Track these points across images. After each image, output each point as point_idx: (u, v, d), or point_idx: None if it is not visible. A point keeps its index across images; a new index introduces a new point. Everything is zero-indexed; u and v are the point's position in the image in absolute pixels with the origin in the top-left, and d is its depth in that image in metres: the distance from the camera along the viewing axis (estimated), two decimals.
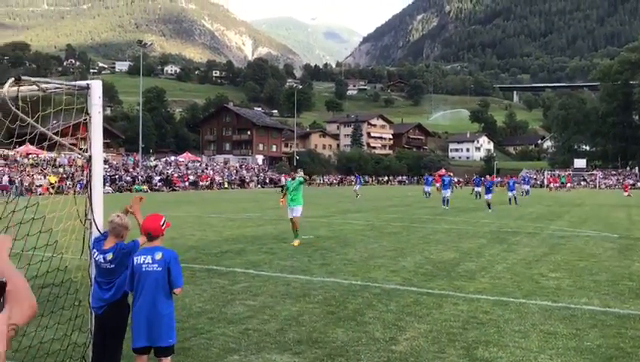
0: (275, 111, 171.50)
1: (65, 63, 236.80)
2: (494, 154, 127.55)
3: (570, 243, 15.11)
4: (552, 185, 72.61)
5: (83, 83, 4.71)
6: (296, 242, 13.99)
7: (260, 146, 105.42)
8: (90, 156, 4.69)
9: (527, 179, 55.55)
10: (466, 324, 6.93)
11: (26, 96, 4.26)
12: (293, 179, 14.81)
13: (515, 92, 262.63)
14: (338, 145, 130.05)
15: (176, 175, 62.99)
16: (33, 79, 4.24)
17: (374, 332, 6.54)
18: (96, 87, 4.68)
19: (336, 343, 6.15)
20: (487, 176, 43.35)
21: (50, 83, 4.44)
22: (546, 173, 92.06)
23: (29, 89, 4.35)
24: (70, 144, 5.38)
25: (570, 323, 7.00)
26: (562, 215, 26.41)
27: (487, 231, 18.00)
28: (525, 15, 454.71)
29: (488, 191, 30.33)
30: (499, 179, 61.34)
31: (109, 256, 4.61)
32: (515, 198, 35.87)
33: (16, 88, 4.11)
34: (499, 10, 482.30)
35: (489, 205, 28.73)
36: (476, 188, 41.22)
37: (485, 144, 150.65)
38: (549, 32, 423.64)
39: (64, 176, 39.49)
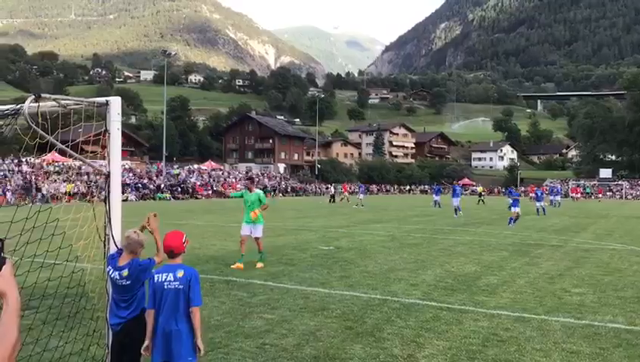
0: (298, 119, 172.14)
1: (91, 72, 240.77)
2: (518, 164, 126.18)
3: (595, 257, 14.82)
4: (573, 195, 71.54)
5: (102, 99, 4.76)
6: (259, 265, 12.26)
7: (282, 155, 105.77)
8: (109, 172, 4.72)
9: (557, 189, 54.47)
10: (486, 341, 6.82)
11: (46, 112, 4.31)
12: (251, 191, 12.77)
13: (539, 101, 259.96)
14: (360, 154, 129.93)
15: (198, 183, 63.45)
16: (53, 96, 4.30)
17: (393, 349, 6.47)
18: (115, 103, 4.72)
19: (353, 360, 6.09)
20: (513, 188, 42.21)
21: (69, 100, 4.49)
22: (570, 183, 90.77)
23: (49, 105, 4.41)
24: (93, 152, 5.43)
25: (593, 342, 6.84)
26: (587, 227, 25.95)
27: (509, 244, 17.76)
28: (550, 23, 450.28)
29: (516, 203, 27.38)
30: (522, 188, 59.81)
31: (125, 273, 4.62)
32: (543, 209, 35.38)
33: (36, 105, 4.16)
34: (523, 19, 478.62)
35: (515, 219, 26.69)
36: (537, 203, 37.69)
37: (509, 153, 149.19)
38: (574, 40, 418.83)
39: (87, 183, 39.97)
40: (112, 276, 4.68)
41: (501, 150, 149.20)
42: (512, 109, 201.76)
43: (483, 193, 56.76)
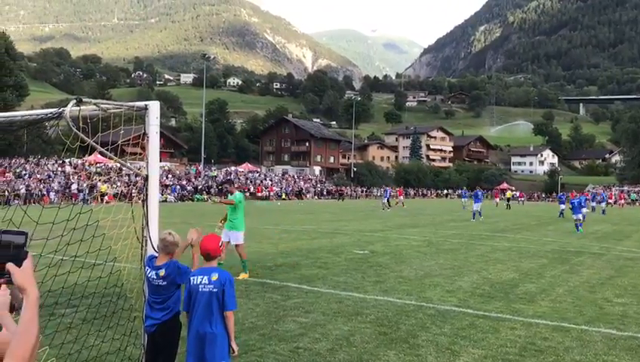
0: (334, 122, 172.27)
1: (133, 75, 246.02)
2: (559, 169, 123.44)
3: (639, 266, 14.38)
4: (611, 201, 69.46)
5: (141, 104, 4.84)
6: (242, 275, 11.20)
7: (318, 157, 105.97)
8: (147, 175, 4.80)
9: (601, 195, 52.64)
10: (523, 351, 6.68)
11: (87, 116, 4.41)
12: (232, 194, 11.88)
13: (581, 104, 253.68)
14: (396, 157, 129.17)
15: (235, 185, 64.05)
16: (94, 101, 4.40)
17: (427, 356, 6.39)
18: (153, 107, 4.80)
19: None
20: (575, 192, 40.77)
21: (109, 104, 4.59)
22: (613, 189, 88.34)
23: (90, 109, 4.51)
24: (133, 154, 5.54)
25: (636, 355, 6.63)
26: (631, 234, 25.20)
27: (548, 251, 17.39)
28: (593, 25, 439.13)
29: (577, 209, 26.60)
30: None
31: (162, 273, 4.68)
32: (583, 216, 34.63)
33: (78, 108, 4.26)
34: (565, 21, 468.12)
35: (577, 226, 25.75)
36: (561, 206, 37.71)
37: (549, 158, 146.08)
38: (618, 42, 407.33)
39: (127, 184, 40.76)
40: (149, 275, 4.76)
41: (541, 154, 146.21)
42: (553, 113, 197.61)
43: (510, 198, 55.01)
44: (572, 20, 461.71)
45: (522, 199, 74.85)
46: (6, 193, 34.98)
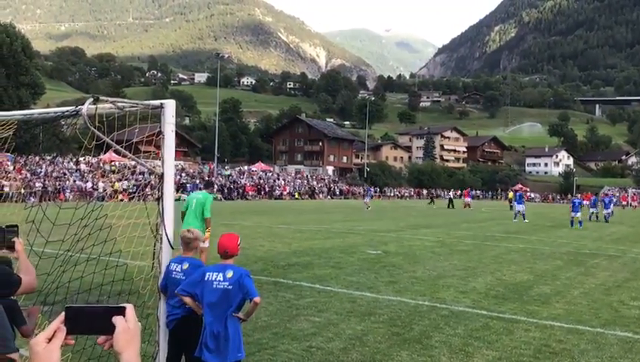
0: (347, 122, 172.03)
1: (147, 74, 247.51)
2: (574, 170, 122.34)
3: None
4: (624, 203, 68.65)
5: (157, 102, 4.86)
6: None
7: (331, 157, 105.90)
8: (162, 173, 4.82)
9: (609, 198, 51.96)
10: (537, 353, 6.63)
11: (103, 114, 4.44)
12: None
13: (597, 105, 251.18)
14: (410, 158, 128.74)
15: (248, 184, 64.21)
16: (110, 99, 4.43)
17: (440, 357, 6.36)
18: (169, 106, 4.81)
19: None
20: (590, 194, 40.83)
21: (125, 102, 4.61)
22: (630, 190, 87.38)
23: (107, 107, 4.55)
24: (147, 152, 5.57)
25: None
26: None
27: (563, 252, 17.24)
28: (610, 25, 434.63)
29: (577, 208, 28.59)
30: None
31: (185, 266, 4.81)
32: (596, 216, 34.50)
33: (94, 107, 4.30)
34: (581, 21, 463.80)
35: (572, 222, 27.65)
36: (591, 210, 35.70)
37: (564, 159, 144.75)
38: (636, 42, 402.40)
39: (142, 181, 40.99)
40: (171, 268, 4.86)
41: (557, 155, 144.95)
42: (569, 114, 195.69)
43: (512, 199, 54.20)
44: (589, 20, 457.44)
45: (527, 198, 74.01)
46: (22, 191, 35.34)
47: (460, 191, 75.69)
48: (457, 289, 10.61)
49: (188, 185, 52.44)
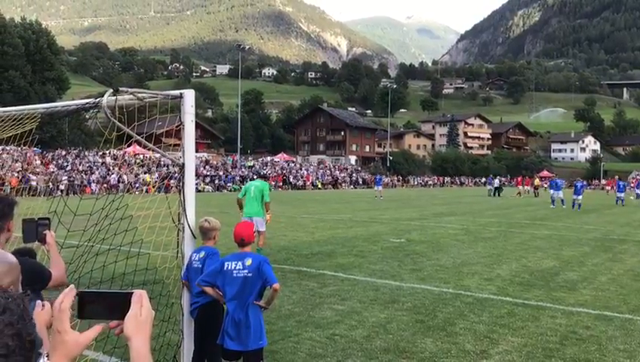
0: (369, 111, 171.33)
1: (170, 67, 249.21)
2: (601, 155, 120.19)
3: None
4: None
5: (176, 92, 4.87)
6: None
7: (354, 147, 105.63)
8: (183, 163, 4.83)
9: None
10: (564, 339, 6.54)
11: (123, 105, 4.46)
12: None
13: (625, 89, 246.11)
14: (433, 146, 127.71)
15: (272, 175, 64.45)
16: (130, 90, 4.44)
17: (465, 344, 6.32)
18: (188, 96, 4.82)
19: (424, 354, 5.99)
20: (617, 178, 40.85)
21: (145, 93, 4.63)
22: None
23: (127, 98, 4.57)
24: (170, 144, 5.61)
25: None
26: None
27: (590, 238, 16.97)
28: (638, 6, 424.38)
29: (579, 191, 30.18)
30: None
31: (202, 254, 4.87)
32: (622, 200, 34.21)
33: (114, 98, 4.32)
34: (607, 3, 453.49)
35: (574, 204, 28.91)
36: (618, 194, 35.80)
37: (591, 144, 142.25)
38: None
39: (166, 174, 41.40)
40: (192, 258, 4.91)
41: (583, 141, 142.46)
42: (595, 98, 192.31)
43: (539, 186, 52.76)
44: (615, 2, 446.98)
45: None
46: (50, 184, 35.93)
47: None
48: (482, 276, 10.51)
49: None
